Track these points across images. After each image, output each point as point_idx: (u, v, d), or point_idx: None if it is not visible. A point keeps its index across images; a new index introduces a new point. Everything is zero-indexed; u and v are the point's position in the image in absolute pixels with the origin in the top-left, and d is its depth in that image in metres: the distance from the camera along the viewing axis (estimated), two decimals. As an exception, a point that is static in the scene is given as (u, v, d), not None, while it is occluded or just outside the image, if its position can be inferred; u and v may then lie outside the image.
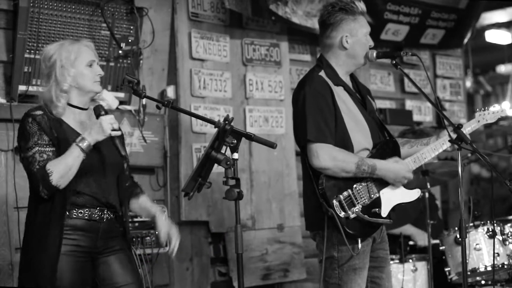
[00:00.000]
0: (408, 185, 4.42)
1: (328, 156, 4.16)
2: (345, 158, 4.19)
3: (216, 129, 3.71)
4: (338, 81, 4.37)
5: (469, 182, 10.12)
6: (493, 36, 12.10)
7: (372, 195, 4.29)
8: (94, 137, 3.89)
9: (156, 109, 4.09)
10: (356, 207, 4.21)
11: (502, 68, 13.78)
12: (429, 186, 6.08)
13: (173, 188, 6.30)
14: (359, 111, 4.37)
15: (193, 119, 6.38)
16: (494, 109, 4.66)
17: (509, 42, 12.26)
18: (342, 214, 4.17)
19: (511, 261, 5.66)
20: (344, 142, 4.25)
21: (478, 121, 4.66)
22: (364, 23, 4.43)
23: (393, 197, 4.36)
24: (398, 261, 5.98)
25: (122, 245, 4.17)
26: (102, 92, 4.25)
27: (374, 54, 4.41)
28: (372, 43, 4.45)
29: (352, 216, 4.19)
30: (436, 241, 6.17)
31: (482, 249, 5.68)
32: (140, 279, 4.24)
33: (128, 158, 4.18)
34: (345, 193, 4.21)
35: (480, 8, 8.64)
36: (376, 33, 7.61)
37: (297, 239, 7.04)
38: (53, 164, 3.85)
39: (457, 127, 4.26)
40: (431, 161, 6.10)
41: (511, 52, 12.45)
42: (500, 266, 5.64)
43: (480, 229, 5.71)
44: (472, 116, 4.71)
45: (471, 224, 5.74)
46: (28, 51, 5.36)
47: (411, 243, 6.61)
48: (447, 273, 5.82)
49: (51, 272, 3.84)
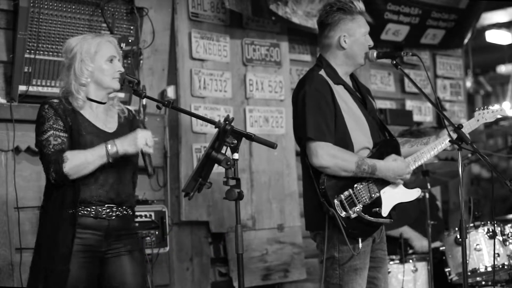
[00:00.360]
0: (408, 185, 4.42)
1: (328, 155, 4.16)
2: (345, 157, 4.19)
3: (217, 129, 3.71)
4: (338, 80, 4.37)
5: (470, 183, 10.12)
6: (494, 36, 12.09)
7: (373, 195, 4.29)
8: (125, 148, 3.87)
9: (156, 109, 4.08)
10: (357, 207, 4.21)
11: (503, 68, 13.77)
12: (430, 187, 6.07)
13: (173, 188, 6.30)
14: (360, 110, 4.37)
15: (193, 119, 6.37)
16: (494, 108, 4.66)
17: (510, 42, 12.25)
18: (343, 214, 4.17)
19: (511, 262, 5.66)
20: (344, 141, 4.25)
21: (478, 120, 4.66)
22: (363, 23, 4.43)
23: (394, 197, 4.36)
24: (399, 262, 5.97)
25: (134, 246, 4.14)
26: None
27: (375, 54, 4.41)
28: (372, 43, 4.44)
29: (353, 216, 4.18)
30: (436, 245, 6.17)
31: (483, 250, 5.68)
32: (144, 284, 4.20)
33: (153, 174, 4.13)
34: (346, 193, 4.20)
35: (481, 8, 8.64)
36: (377, 33, 7.61)
37: (298, 239, 7.04)
38: (73, 153, 3.83)
39: (458, 127, 4.26)
40: (432, 161, 6.11)
41: (511, 53, 12.45)
42: (501, 267, 5.64)
43: (481, 230, 5.71)
44: (472, 116, 4.71)
45: (472, 225, 5.73)
46: (28, 51, 5.36)
47: (410, 251, 6.60)
48: (447, 274, 5.82)
49: (63, 273, 3.82)
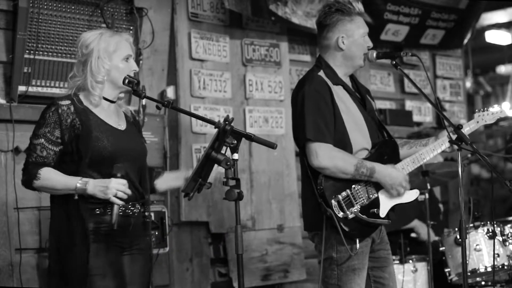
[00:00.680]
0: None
1: (327, 156, 4.16)
2: (344, 159, 4.19)
3: (216, 130, 3.70)
4: (337, 81, 4.37)
5: (469, 183, 10.12)
6: (493, 37, 12.09)
7: (371, 196, 4.29)
8: (94, 191, 3.80)
9: (156, 110, 4.07)
10: (355, 208, 4.21)
11: (502, 69, 13.76)
12: (429, 187, 6.07)
13: (173, 189, 6.29)
14: (359, 111, 4.37)
15: (193, 120, 6.37)
16: (494, 110, 4.66)
17: (509, 43, 12.25)
18: (341, 214, 4.17)
19: (511, 262, 5.66)
20: (343, 142, 4.25)
21: (477, 122, 4.65)
22: (361, 24, 4.42)
23: (392, 198, 4.35)
24: (398, 262, 5.98)
25: (146, 245, 4.12)
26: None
27: (374, 55, 4.41)
28: (371, 44, 4.44)
29: (351, 217, 4.18)
30: (436, 238, 6.16)
31: (482, 250, 5.68)
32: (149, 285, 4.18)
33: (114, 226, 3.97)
34: (344, 193, 4.20)
35: (480, 9, 8.64)
36: (376, 34, 7.61)
37: (297, 240, 7.04)
38: (46, 175, 3.82)
39: (457, 128, 4.25)
40: (432, 162, 6.11)
41: (511, 53, 12.44)
42: (500, 267, 5.64)
43: (480, 230, 5.71)
44: (472, 117, 4.71)
45: (471, 225, 5.74)
46: (28, 52, 5.36)
47: (413, 235, 6.60)
48: (447, 274, 5.82)
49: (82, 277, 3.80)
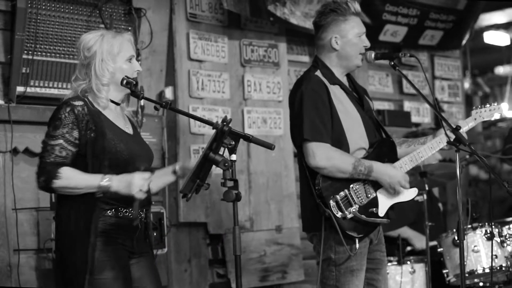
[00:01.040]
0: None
1: (325, 156, 4.16)
2: (342, 158, 4.20)
3: (214, 130, 3.70)
4: (335, 80, 4.38)
5: (467, 184, 10.12)
6: (492, 37, 12.10)
7: (369, 195, 4.29)
8: (119, 188, 3.78)
9: (154, 110, 4.09)
10: (353, 207, 4.21)
11: (501, 70, 13.78)
12: (427, 188, 6.07)
13: (171, 190, 6.29)
14: (356, 110, 4.37)
15: (191, 120, 6.37)
16: (491, 106, 4.67)
17: (508, 44, 12.26)
18: (339, 215, 4.17)
19: (509, 263, 5.66)
20: (340, 141, 4.25)
21: (475, 119, 4.66)
22: (356, 24, 4.42)
23: (391, 197, 4.35)
24: (396, 263, 5.97)
25: (149, 249, 4.12)
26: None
27: (373, 55, 4.42)
28: (368, 44, 4.44)
29: (349, 216, 4.19)
30: (434, 243, 6.16)
31: (480, 251, 5.67)
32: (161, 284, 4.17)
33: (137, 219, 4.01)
34: (342, 193, 4.21)
35: (479, 9, 8.64)
36: (375, 34, 7.61)
37: (296, 241, 7.04)
38: (68, 174, 3.75)
39: (456, 129, 4.25)
40: (430, 162, 6.11)
41: (510, 54, 12.46)
42: (498, 268, 5.64)
43: (478, 231, 5.70)
44: (470, 115, 4.71)
45: (469, 226, 5.73)
46: (26, 52, 5.35)
47: (409, 248, 6.60)
48: (445, 275, 5.82)
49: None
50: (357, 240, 4.22)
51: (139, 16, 6.04)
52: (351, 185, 4.24)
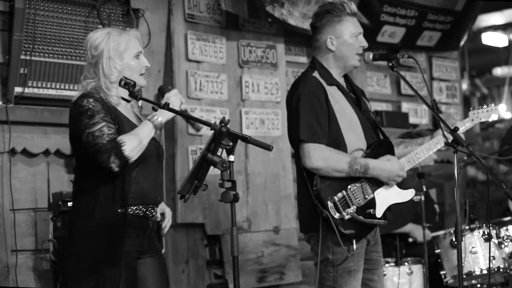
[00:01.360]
0: (403, 185, 4.42)
1: (320, 156, 4.16)
2: (337, 158, 4.19)
3: (212, 131, 3.70)
4: (332, 81, 4.38)
5: (465, 185, 10.12)
6: (490, 39, 12.11)
7: (367, 196, 4.29)
8: (166, 115, 3.88)
9: (152, 111, 4.07)
10: (351, 208, 4.20)
11: (498, 71, 13.78)
12: (425, 189, 6.07)
13: (169, 190, 6.29)
14: (353, 111, 4.37)
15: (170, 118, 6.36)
16: (488, 108, 4.67)
17: (506, 45, 12.26)
18: (337, 216, 4.17)
19: (507, 265, 5.67)
20: (337, 142, 4.25)
21: (472, 120, 4.66)
22: (352, 24, 4.41)
23: (388, 198, 4.35)
24: (394, 264, 5.98)
25: (159, 248, 4.11)
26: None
27: (371, 56, 4.42)
28: (365, 44, 4.44)
29: (347, 217, 4.18)
30: (435, 233, 6.15)
31: (478, 252, 5.68)
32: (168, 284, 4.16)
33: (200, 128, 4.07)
34: (340, 194, 4.20)
35: (477, 10, 8.64)
36: (373, 35, 7.61)
37: (293, 242, 7.04)
38: (123, 136, 3.76)
39: (453, 130, 4.26)
40: (427, 164, 6.11)
41: (508, 55, 12.46)
42: (496, 270, 5.65)
43: (476, 232, 5.71)
44: (467, 116, 4.71)
45: (467, 227, 5.74)
46: (24, 53, 5.35)
47: (411, 240, 6.59)
48: (443, 276, 5.82)
49: (115, 276, 3.77)
50: (355, 241, 4.22)
51: (137, 17, 6.04)
52: (349, 186, 4.24)
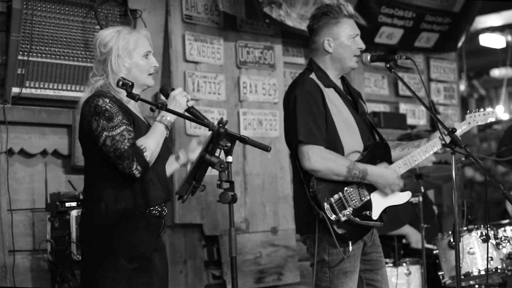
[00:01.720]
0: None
1: (319, 158, 4.16)
2: (337, 161, 4.19)
3: (210, 132, 3.70)
4: (329, 83, 4.38)
5: (463, 186, 10.13)
6: (487, 40, 12.13)
7: (363, 198, 4.29)
8: (171, 117, 3.85)
9: (150, 112, 4.06)
10: (347, 210, 4.20)
11: (496, 72, 13.80)
12: (423, 190, 6.07)
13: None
14: (350, 113, 4.37)
15: (187, 122, 6.36)
16: (485, 111, 4.67)
17: (503, 46, 12.28)
18: (333, 217, 4.17)
19: (505, 265, 5.67)
20: (334, 144, 4.25)
21: (469, 123, 4.66)
22: (349, 26, 4.42)
23: (384, 200, 4.35)
24: (392, 265, 5.98)
25: (165, 247, 4.10)
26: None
27: (368, 58, 4.42)
28: (363, 46, 4.44)
29: (343, 219, 4.18)
30: (430, 246, 6.16)
31: (476, 253, 5.68)
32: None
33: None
34: (336, 196, 4.20)
35: (475, 12, 8.65)
36: (371, 37, 7.61)
37: (291, 242, 7.04)
38: (143, 141, 3.76)
39: (451, 131, 4.26)
40: (425, 165, 6.11)
41: (505, 56, 12.47)
42: (494, 270, 5.65)
43: (474, 233, 5.71)
44: (464, 119, 4.71)
45: (465, 228, 5.74)
46: (22, 53, 5.35)
47: (404, 242, 6.60)
48: (441, 277, 5.82)
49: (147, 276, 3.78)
50: (351, 243, 4.23)
51: (135, 18, 6.04)
52: (345, 188, 4.24)
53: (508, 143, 6.92)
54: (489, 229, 5.70)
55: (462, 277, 5.63)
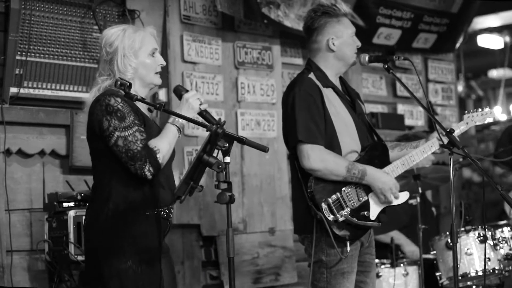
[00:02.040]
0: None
1: (319, 158, 4.16)
2: (336, 161, 4.20)
3: (208, 133, 3.70)
4: (328, 83, 4.38)
5: (461, 187, 10.13)
6: (485, 41, 12.13)
7: (361, 198, 4.29)
8: (182, 123, 3.87)
9: (148, 112, 4.06)
10: (345, 210, 4.21)
11: (494, 73, 13.79)
12: (421, 191, 6.07)
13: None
14: (348, 113, 4.37)
15: (185, 122, 6.34)
16: (483, 111, 4.67)
17: (501, 47, 12.28)
18: (331, 217, 4.17)
19: (502, 266, 5.67)
20: (332, 144, 4.25)
21: (467, 123, 4.66)
22: (348, 24, 4.45)
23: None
24: (389, 266, 5.97)
25: (168, 248, 4.07)
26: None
27: (367, 58, 4.43)
28: (359, 44, 4.46)
29: (341, 219, 4.19)
30: (428, 256, 6.15)
31: (473, 254, 5.68)
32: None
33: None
34: (334, 196, 4.20)
35: (473, 13, 8.65)
36: (368, 37, 7.61)
37: (289, 243, 7.04)
38: (156, 142, 3.75)
39: (449, 132, 4.26)
40: (423, 166, 6.11)
41: (503, 57, 12.48)
42: (491, 271, 5.64)
43: (471, 234, 5.71)
44: (462, 119, 4.71)
45: (463, 229, 5.74)
46: (20, 53, 5.35)
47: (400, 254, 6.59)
48: (438, 278, 5.82)
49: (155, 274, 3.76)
50: (348, 243, 4.23)
51: (133, 18, 6.04)
52: (343, 188, 4.24)
53: (506, 144, 6.93)
54: (487, 230, 5.70)
55: (460, 278, 5.63)
